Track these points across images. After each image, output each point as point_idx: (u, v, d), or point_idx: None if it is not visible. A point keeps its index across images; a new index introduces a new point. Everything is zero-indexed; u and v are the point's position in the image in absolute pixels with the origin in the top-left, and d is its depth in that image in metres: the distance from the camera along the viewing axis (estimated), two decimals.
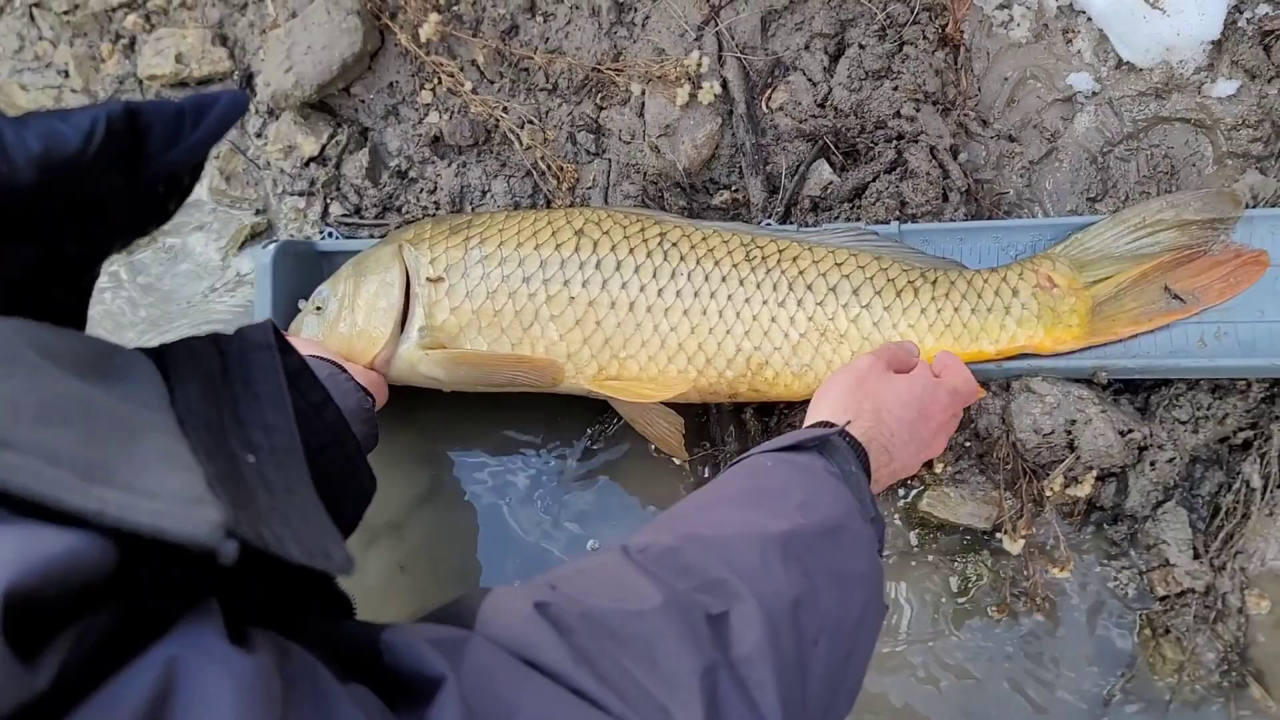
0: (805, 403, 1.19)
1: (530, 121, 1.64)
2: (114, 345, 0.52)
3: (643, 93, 1.58)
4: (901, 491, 1.40)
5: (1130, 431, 1.27)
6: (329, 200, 1.71)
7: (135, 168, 0.51)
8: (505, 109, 1.64)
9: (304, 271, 1.55)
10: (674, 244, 1.37)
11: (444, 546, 1.49)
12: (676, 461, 1.46)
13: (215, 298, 1.71)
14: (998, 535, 1.32)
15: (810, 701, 0.70)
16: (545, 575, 0.71)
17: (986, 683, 1.29)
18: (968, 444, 1.36)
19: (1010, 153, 1.51)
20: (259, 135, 1.77)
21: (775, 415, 1.44)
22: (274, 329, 0.66)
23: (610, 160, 1.60)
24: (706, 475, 1.46)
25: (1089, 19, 1.49)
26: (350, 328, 1.39)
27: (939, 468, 1.36)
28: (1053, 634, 1.30)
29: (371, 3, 1.68)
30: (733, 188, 1.57)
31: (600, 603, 0.66)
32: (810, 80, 1.56)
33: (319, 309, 1.43)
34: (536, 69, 1.65)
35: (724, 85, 1.56)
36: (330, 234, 1.63)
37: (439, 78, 1.66)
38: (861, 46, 1.52)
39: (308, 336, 1.43)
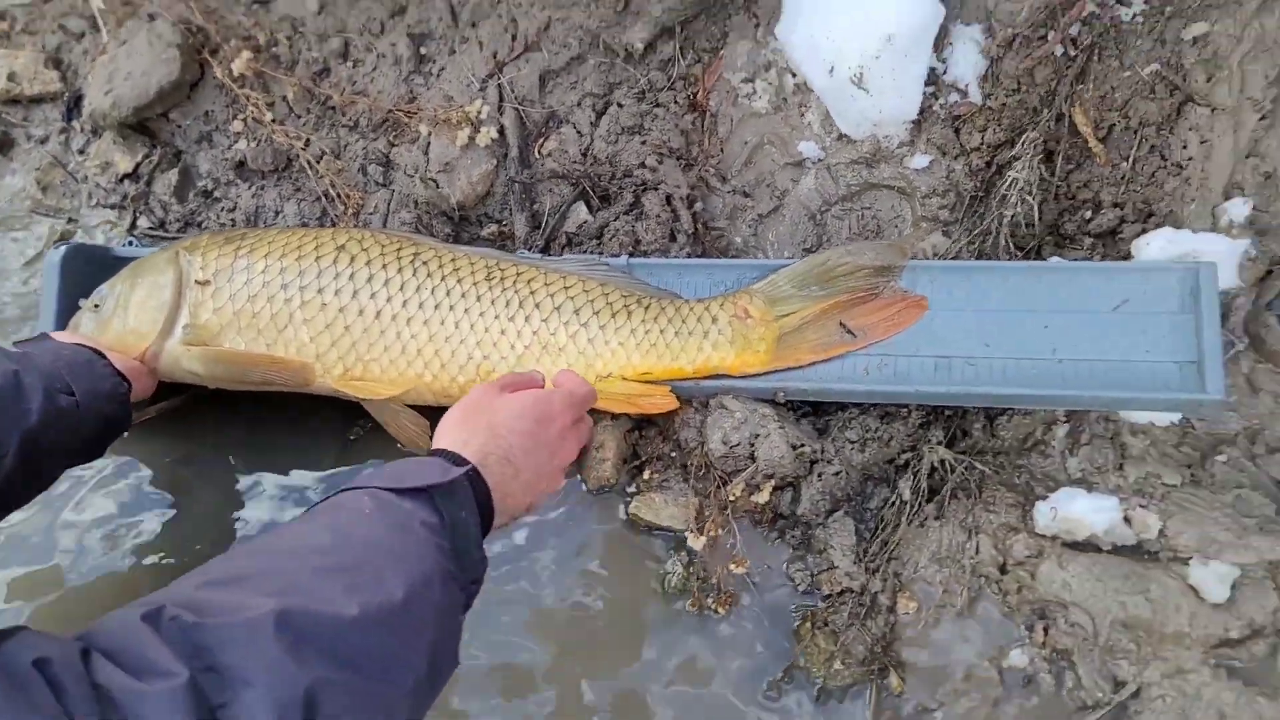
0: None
1: (327, 153, 1.80)
2: None
3: (429, 133, 1.76)
4: (620, 506, 1.54)
5: (801, 446, 1.44)
6: (138, 214, 1.85)
7: None
8: (306, 142, 1.80)
9: (100, 275, 1.66)
10: (425, 262, 1.52)
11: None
12: None
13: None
14: (688, 533, 1.47)
15: None
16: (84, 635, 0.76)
17: (674, 673, 1.42)
18: (673, 454, 1.52)
19: (743, 206, 1.71)
20: (81, 152, 1.91)
21: None
22: None
23: (394, 190, 1.76)
24: None
25: (818, 95, 1.71)
26: (122, 324, 1.52)
27: (648, 474, 1.51)
28: (734, 627, 1.44)
29: (194, 39, 1.84)
30: (502, 222, 1.74)
31: (116, 679, 0.71)
32: (579, 132, 1.75)
33: (96, 306, 1.55)
34: (341, 107, 1.82)
35: (501, 131, 1.75)
36: (131, 243, 1.75)
37: (249, 109, 1.82)
38: (620, 105, 1.72)
39: (85, 332, 1.54)
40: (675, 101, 1.73)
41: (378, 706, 0.82)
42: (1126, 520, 1.37)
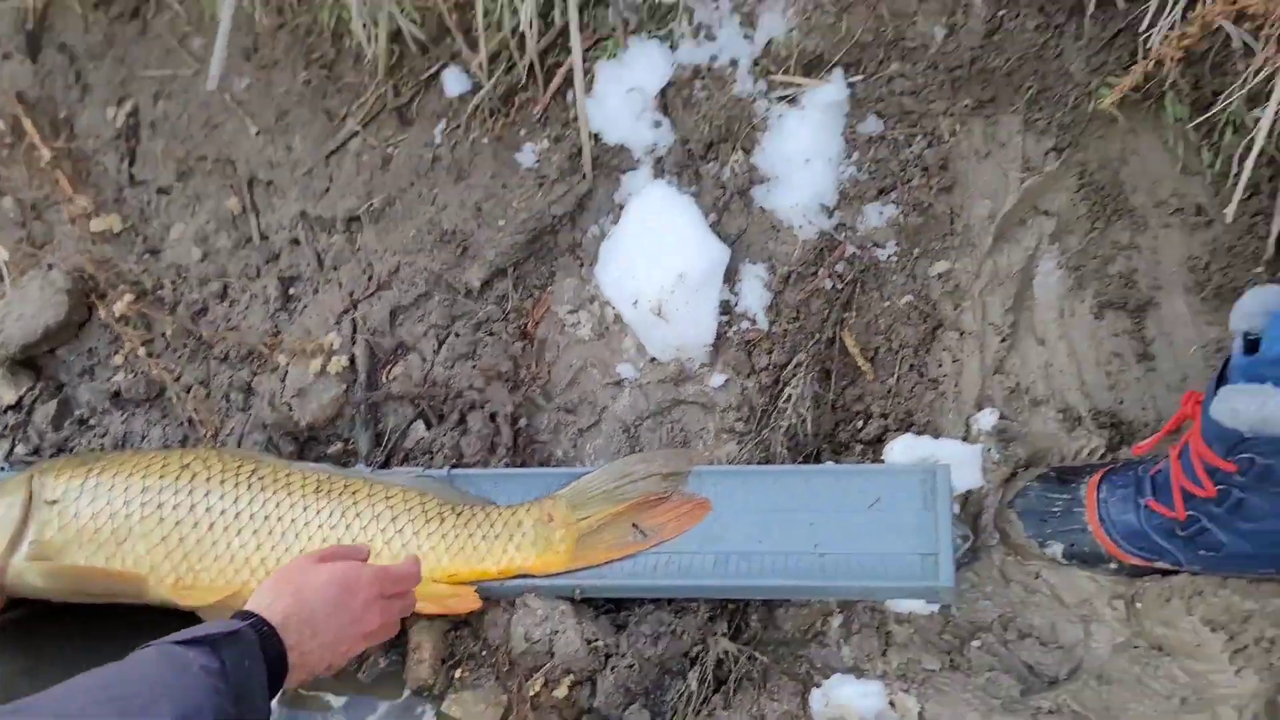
0: None
1: (195, 384, 1.99)
2: None
3: (288, 363, 1.96)
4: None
5: (596, 640, 1.55)
6: (16, 442, 2.00)
7: None
8: (179, 375, 2.00)
9: None
10: (261, 478, 1.67)
11: None
12: None
13: None
14: None
15: None
16: None
17: None
18: (484, 653, 1.62)
19: (566, 422, 1.90)
20: None
21: None
22: None
23: (250, 414, 1.94)
24: None
25: (630, 325, 1.94)
26: None
27: (460, 674, 1.61)
28: None
29: (86, 284, 2.07)
30: (348, 440, 1.91)
31: None
32: (423, 359, 1.96)
33: None
34: (212, 342, 2.02)
35: (352, 360, 1.95)
36: (2, 469, 1.90)
37: (128, 345, 2.02)
38: (457, 335, 1.94)
39: None
40: (507, 331, 1.95)
41: None
42: (891, 704, 1.47)
